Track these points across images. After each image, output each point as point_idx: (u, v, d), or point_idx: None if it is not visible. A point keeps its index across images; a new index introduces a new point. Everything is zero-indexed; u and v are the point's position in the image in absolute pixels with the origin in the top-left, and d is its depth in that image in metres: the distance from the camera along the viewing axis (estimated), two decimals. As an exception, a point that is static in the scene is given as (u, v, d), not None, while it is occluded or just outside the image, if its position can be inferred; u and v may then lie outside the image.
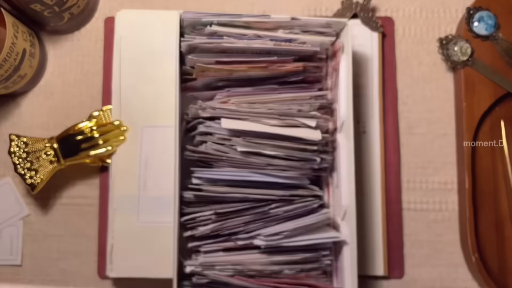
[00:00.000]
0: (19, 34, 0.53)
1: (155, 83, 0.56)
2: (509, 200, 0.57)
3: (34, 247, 0.56)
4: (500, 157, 0.57)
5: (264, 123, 0.47)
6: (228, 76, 0.49)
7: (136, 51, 0.57)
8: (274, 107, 0.48)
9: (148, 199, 0.54)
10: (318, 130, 0.48)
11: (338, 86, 0.51)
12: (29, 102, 0.59)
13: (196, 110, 0.48)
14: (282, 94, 0.49)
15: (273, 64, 0.48)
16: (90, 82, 0.59)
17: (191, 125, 0.50)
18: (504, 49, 0.57)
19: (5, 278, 0.56)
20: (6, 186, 0.57)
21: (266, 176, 0.46)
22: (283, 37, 0.49)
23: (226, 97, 0.48)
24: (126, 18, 0.57)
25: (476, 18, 0.58)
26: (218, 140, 0.47)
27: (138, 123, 0.56)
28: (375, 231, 0.55)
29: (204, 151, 0.46)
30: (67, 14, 0.56)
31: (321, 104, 0.50)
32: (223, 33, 0.48)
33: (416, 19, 0.61)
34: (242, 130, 0.46)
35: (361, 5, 0.59)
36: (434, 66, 0.60)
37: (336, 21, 0.49)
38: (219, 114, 0.47)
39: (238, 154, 0.46)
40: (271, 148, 0.46)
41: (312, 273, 0.47)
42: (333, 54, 0.53)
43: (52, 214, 0.57)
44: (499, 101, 0.57)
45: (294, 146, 0.47)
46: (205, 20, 0.48)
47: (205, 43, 0.47)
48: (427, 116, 0.59)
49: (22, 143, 0.54)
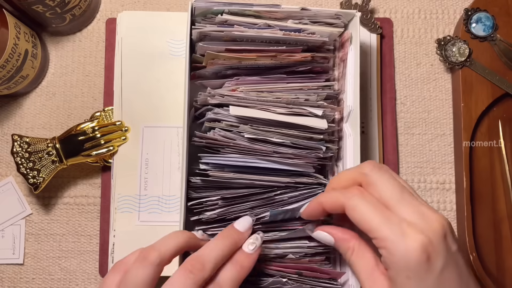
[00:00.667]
0: (21, 35, 0.53)
1: (156, 83, 0.57)
2: (507, 200, 0.57)
3: (36, 246, 0.57)
4: (498, 157, 0.58)
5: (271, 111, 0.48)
6: (237, 65, 0.49)
7: (137, 52, 0.57)
8: (281, 96, 0.48)
9: (149, 199, 0.55)
10: (325, 119, 0.48)
11: (345, 77, 0.51)
12: (31, 102, 0.59)
13: (205, 97, 0.48)
14: (290, 84, 0.49)
15: (281, 53, 0.49)
16: (92, 82, 0.59)
17: (199, 112, 0.51)
18: (501, 50, 0.58)
19: (8, 277, 0.56)
20: (8, 186, 0.57)
21: (272, 163, 0.47)
22: (293, 27, 0.49)
23: (234, 85, 0.49)
24: (128, 19, 0.58)
25: (474, 19, 0.58)
26: (226, 126, 0.47)
27: (139, 123, 0.56)
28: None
29: (211, 137, 0.47)
30: (69, 15, 0.56)
31: (328, 94, 0.50)
32: (234, 21, 0.49)
33: (415, 20, 0.61)
34: (249, 117, 0.47)
35: (360, 6, 0.59)
36: (432, 67, 0.61)
37: (345, 12, 0.50)
38: (228, 101, 0.47)
39: (245, 141, 0.47)
40: (278, 136, 0.47)
41: (315, 258, 0.48)
42: (341, 45, 0.53)
43: (54, 213, 0.57)
44: (497, 101, 0.58)
45: (301, 135, 0.47)
46: (216, 9, 0.49)
47: (216, 31, 0.48)
48: (425, 116, 0.60)
49: (25, 143, 0.54)
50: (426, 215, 0.37)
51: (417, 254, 0.35)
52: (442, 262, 0.36)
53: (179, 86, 0.56)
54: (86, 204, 0.57)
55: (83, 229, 0.57)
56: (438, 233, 0.36)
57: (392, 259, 0.36)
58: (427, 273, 0.36)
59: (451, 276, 0.36)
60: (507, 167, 0.57)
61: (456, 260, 0.37)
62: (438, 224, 0.36)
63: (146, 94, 0.57)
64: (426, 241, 0.35)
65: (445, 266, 0.36)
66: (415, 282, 0.36)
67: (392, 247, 0.36)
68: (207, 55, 0.49)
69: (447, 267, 0.36)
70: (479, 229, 0.56)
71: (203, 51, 0.49)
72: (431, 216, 0.37)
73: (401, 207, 0.37)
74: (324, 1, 0.62)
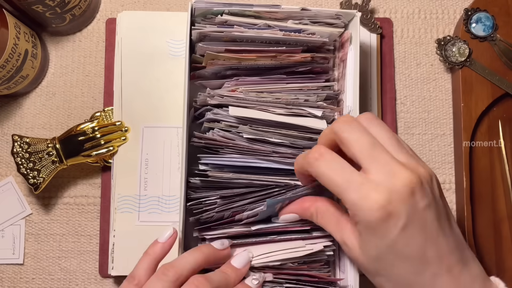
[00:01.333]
0: (21, 35, 0.53)
1: (156, 83, 0.57)
2: (507, 200, 0.57)
3: (36, 246, 0.57)
4: (498, 157, 0.58)
5: (271, 111, 0.48)
6: (237, 65, 0.49)
7: (137, 52, 0.57)
8: (281, 96, 0.48)
9: (149, 199, 0.55)
10: (324, 120, 0.48)
11: (345, 77, 0.51)
12: (31, 102, 0.59)
13: (205, 97, 0.48)
14: (290, 84, 0.50)
15: (281, 54, 0.49)
16: (92, 82, 0.59)
17: (199, 112, 0.51)
18: (501, 50, 0.58)
19: (8, 277, 0.56)
20: (8, 186, 0.57)
21: (272, 163, 0.47)
22: (293, 27, 0.49)
23: (234, 85, 0.49)
24: (128, 19, 0.58)
25: (474, 19, 0.58)
26: (225, 127, 0.47)
27: (139, 123, 0.56)
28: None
29: (210, 137, 0.47)
30: (69, 15, 0.56)
31: (328, 94, 0.50)
32: (234, 22, 0.49)
33: (415, 20, 0.61)
34: (249, 118, 0.47)
35: (360, 6, 0.59)
36: (432, 67, 0.61)
37: (345, 12, 0.50)
38: (227, 102, 0.48)
39: (244, 141, 0.47)
40: (277, 136, 0.47)
41: (314, 264, 0.48)
42: (341, 45, 0.53)
43: (54, 213, 0.57)
44: (497, 101, 0.58)
45: (300, 135, 0.47)
46: (216, 9, 0.49)
47: (216, 32, 0.48)
48: (425, 116, 0.60)
49: (25, 144, 0.54)
50: (393, 172, 0.38)
51: (377, 215, 0.37)
52: (404, 220, 0.37)
53: (178, 86, 0.56)
54: (86, 204, 0.57)
55: (83, 229, 0.57)
56: (401, 192, 0.37)
57: (356, 218, 0.39)
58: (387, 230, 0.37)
59: (415, 233, 0.37)
60: (507, 167, 0.57)
61: (423, 216, 0.38)
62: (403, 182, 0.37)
63: (146, 94, 0.57)
64: (385, 202, 0.37)
65: (408, 224, 0.37)
66: (377, 238, 0.38)
67: (355, 208, 0.38)
68: (206, 55, 0.49)
69: (411, 224, 0.37)
70: (479, 229, 0.56)
71: (202, 52, 0.49)
72: (399, 173, 0.38)
73: (369, 164, 0.38)
74: (324, 1, 0.62)
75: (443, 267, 0.38)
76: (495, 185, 0.57)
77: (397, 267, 0.38)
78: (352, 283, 0.47)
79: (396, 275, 0.39)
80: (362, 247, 0.40)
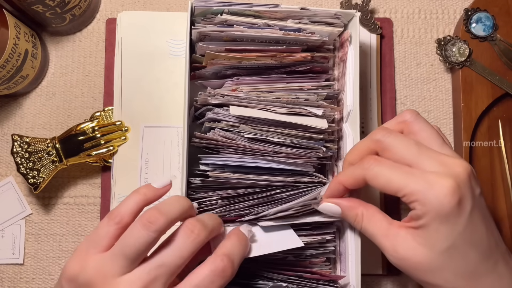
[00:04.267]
0: (21, 35, 0.53)
1: (156, 83, 0.57)
2: (507, 200, 0.57)
3: (36, 246, 0.57)
4: (498, 157, 0.58)
5: (271, 111, 0.48)
6: (237, 65, 0.49)
7: (137, 52, 0.57)
8: (281, 95, 0.48)
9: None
10: (325, 119, 0.48)
11: (345, 77, 0.51)
12: (31, 102, 0.59)
13: (205, 97, 0.48)
14: (290, 83, 0.50)
15: (281, 53, 0.49)
16: (92, 82, 0.59)
17: (199, 112, 0.51)
18: (502, 50, 0.58)
19: (8, 277, 0.56)
20: (8, 186, 0.57)
21: (272, 163, 0.47)
22: (292, 26, 0.49)
23: (234, 85, 0.49)
24: (127, 19, 0.58)
25: (474, 19, 0.58)
26: (226, 126, 0.47)
27: (139, 123, 0.56)
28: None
29: (211, 137, 0.47)
30: (69, 15, 0.56)
31: (328, 94, 0.50)
32: (234, 21, 0.49)
33: (415, 20, 0.61)
34: (249, 117, 0.47)
35: (360, 6, 0.59)
36: (432, 67, 0.61)
37: (345, 12, 0.50)
38: (228, 101, 0.48)
39: (245, 141, 0.47)
40: (278, 136, 0.47)
41: (316, 260, 0.48)
42: (341, 44, 0.53)
43: (54, 213, 0.57)
44: (497, 101, 0.58)
45: (301, 134, 0.47)
46: (216, 8, 0.49)
47: (216, 31, 0.48)
48: (425, 116, 0.60)
49: (25, 143, 0.54)
50: (447, 162, 0.38)
51: (449, 199, 0.36)
52: (470, 204, 0.37)
53: (179, 86, 0.56)
54: (86, 204, 0.57)
55: (83, 229, 0.57)
56: (462, 177, 0.37)
57: (425, 209, 0.37)
58: (459, 216, 0.37)
59: (478, 218, 0.38)
60: (507, 167, 0.57)
61: (481, 203, 0.38)
62: (461, 168, 0.38)
63: (146, 94, 0.57)
64: (455, 185, 0.36)
65: (473, 209, 0.37)
66: (448, 226, 0.37)
67: (423, 197, 0.37)
68: (207, 55, 0.49)
69: (474, 210, 0.37)
70: (479, 229, 0.56)
71: (203, 51, 0.49)
72: (452, 162, 0.38)
73: (421, 161, 0.38)
74: (324, 1, 0.62)
75: (499, 253, 0.39)
76: (495, 185, 0.57)
77: (468, 255, 0.38)
78: (354, 282, 0.47)
79: (465, 265, 0.38)
80: (429, 242, 0.38)
